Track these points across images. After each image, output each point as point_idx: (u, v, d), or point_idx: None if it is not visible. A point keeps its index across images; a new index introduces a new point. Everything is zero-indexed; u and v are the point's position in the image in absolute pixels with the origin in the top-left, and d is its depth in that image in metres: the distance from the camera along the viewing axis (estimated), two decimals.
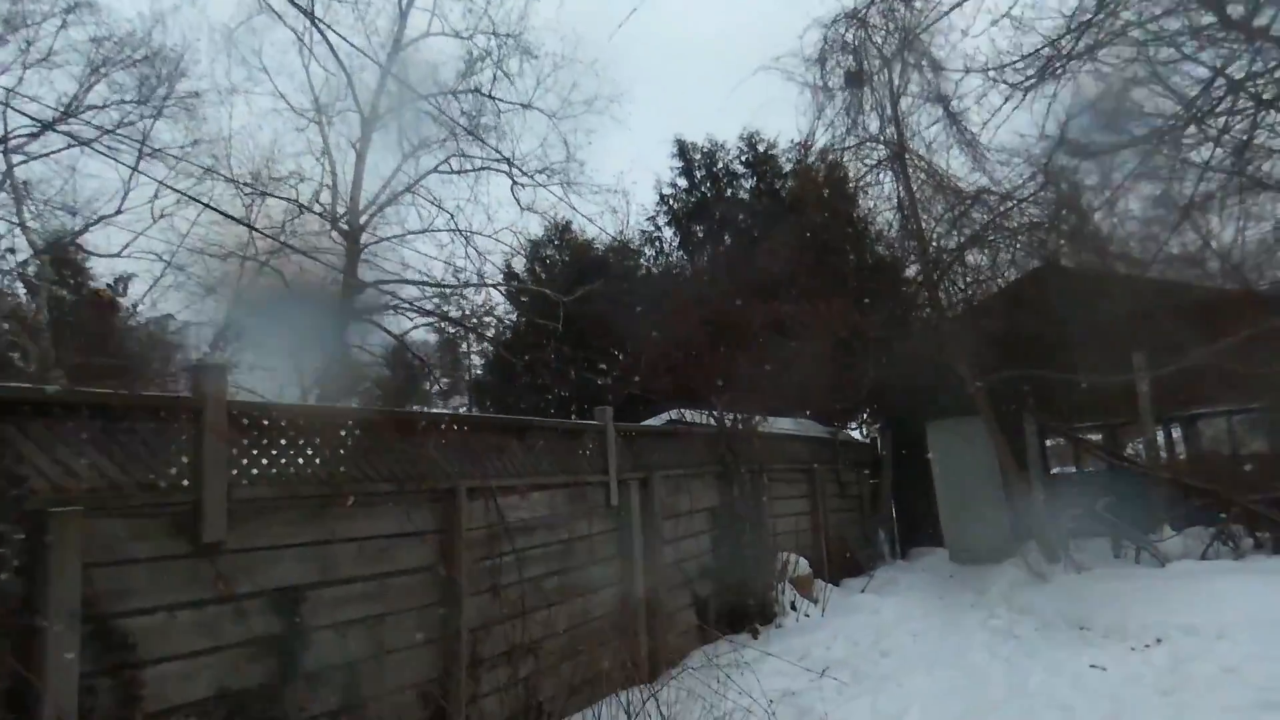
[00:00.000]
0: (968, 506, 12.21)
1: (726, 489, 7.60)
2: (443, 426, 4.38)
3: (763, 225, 14.00)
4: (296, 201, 11.76)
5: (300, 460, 3.68)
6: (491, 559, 4.67)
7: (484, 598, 4.55)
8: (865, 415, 14.99)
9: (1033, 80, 7.20)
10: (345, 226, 11.73)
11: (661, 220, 14.71)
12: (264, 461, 3.53)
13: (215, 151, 11.75)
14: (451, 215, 12.08)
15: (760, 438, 8.59)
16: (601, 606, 5.63)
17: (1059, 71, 7.18)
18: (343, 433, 3.88)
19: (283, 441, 3.62)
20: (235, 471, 3.37)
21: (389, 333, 12.47)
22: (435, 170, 12.31)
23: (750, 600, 7.18)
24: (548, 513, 5.22)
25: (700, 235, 14.40)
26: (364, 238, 12.01)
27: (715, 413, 7.78)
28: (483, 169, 12.16)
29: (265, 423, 3.56)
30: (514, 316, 14.45)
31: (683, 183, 14.85)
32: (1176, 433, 11.45)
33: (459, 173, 12.33)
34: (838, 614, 7.58)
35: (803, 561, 8.17)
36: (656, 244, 14.56)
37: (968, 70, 8.41)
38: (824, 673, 5.55)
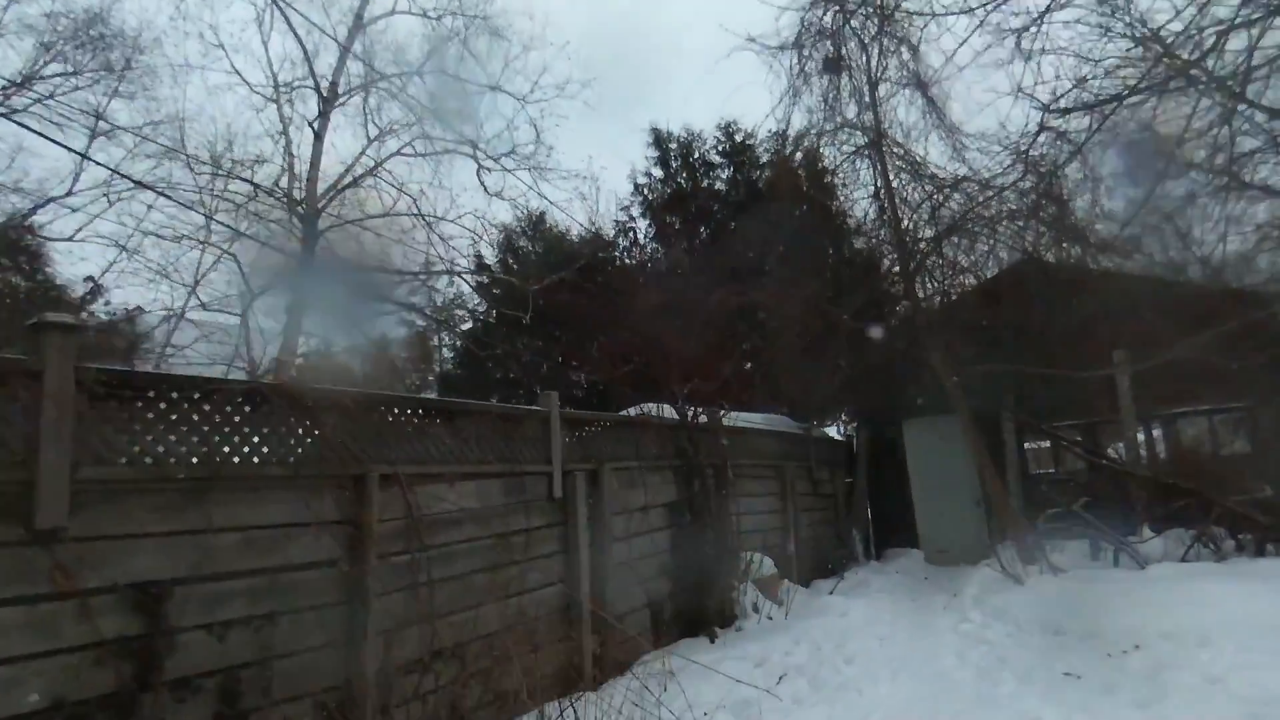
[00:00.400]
0: (943, 506, 11.88)
1: (687, 484, 7.19)
2: (349, 404, 3.93)
3: (739, 217, 13.63)
4: (253, 182, 11.28)
5: (172, 437, 3.23)
6: (410, 554, 4.22)
7: (398, 597, 4.10)
8: (842, 413, 14.64)
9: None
10: (302, 210, 11.23)
11: (635, 210, 14.32)
12: (124, 438, 3.07)
13: (172, 133, 11.21)
14: (414, 199, 11.60)
15: (727, 432, 8.20)
16: (540, 607, 5.20)
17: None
18: (227, 408, 3.43)
19: (150, 415, 3.17)
20: (83, 447, 2.91)
21: (358, 320, 11.98)
22: (399, 153, 11.85)
23: (709, 602, 6.77)
24: (478, 504, 4.78)
25: (676, 226, 14.01)
26: (322, 221, 11.51)
27: (677, 404, 7.36)
28: (447, 152, 11.71)
29: (127, 393, 3.11)
30: (483, 308, 13.99)
31: (658, 173, 14.46)
32: (1157, 432, 11.18)
33: (423, 155, 11.88)
34: (802, 616, 7.19)
35: (768, 561, 7.78)
36: (630, 234, 14.17)
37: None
38: (780, 680, 5.15)
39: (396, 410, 4.33)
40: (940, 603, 8.31)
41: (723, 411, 8.04)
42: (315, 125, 11.31)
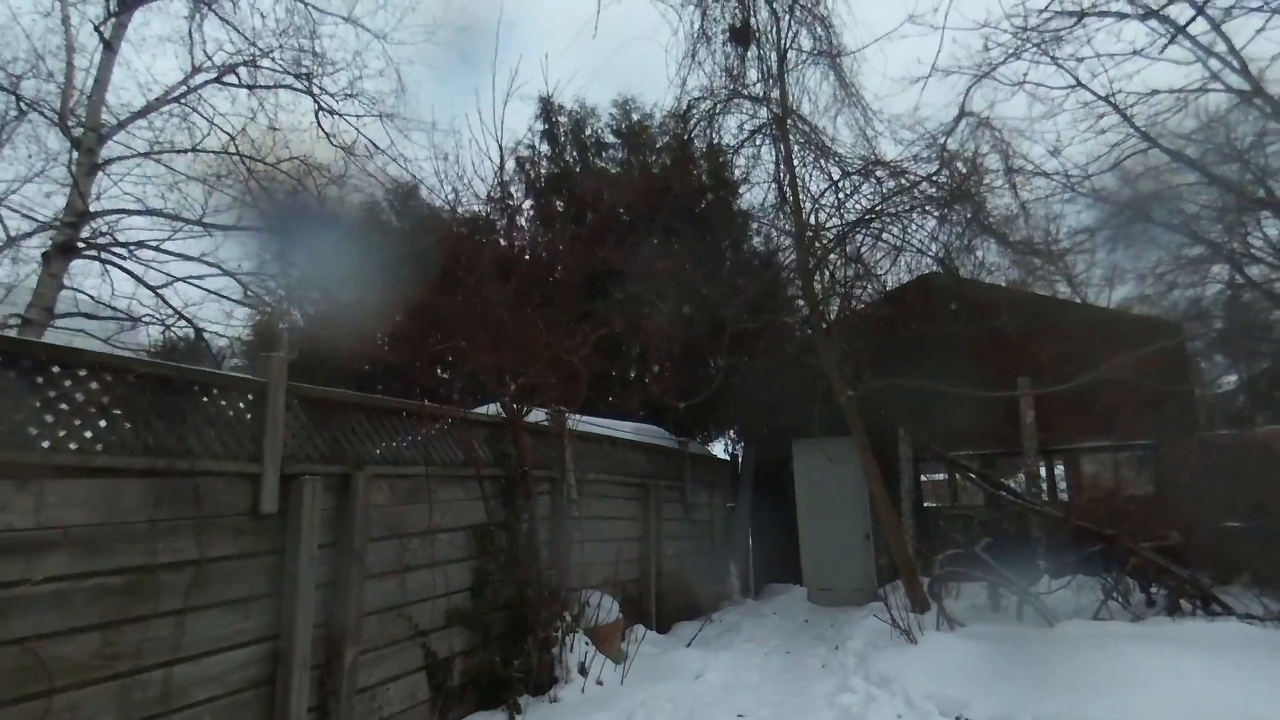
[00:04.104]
0: (831, 539, 10.66)
1: (505, 502, 5.47)
2: None
3: (632, 203, 12.13)
4: (15, 93, 8.92)
5: None
6: None
7: None
8: (732, 429, 13.30)
9: None
10: (79, 131, 8.90)
11: (516, 188, 12.59)
12: None
13: None
14: (232, 137, 9.44)
15: (575, 438, 6.56)
16: (214, 683, 3.34)
17: None
18: None
19: None
20: None
21: (144, 283, 9.62)
22: (218, 80, 9.67)
23: (518, 660, 5.04)
24: (89, 519, 2.92)
25: (561, 209, 12.37)
26: (108, 150, 9.20)
27: (504, 399, 5.66)
28: (277, 86, 9.63)
29: None
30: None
31: (545, 148, 12.78)
32: (1059, 469, 10.35)
33: (249, 88, 9.74)
34: (644, 680, 5.55)
35: (609, 604, 6.12)
36: (507, 212, 12.38)
37: None
38: None
39: None
40: (819, 658, 6.92)
41: (571, 414, 6.40)
42: (104, 30, 9.02)
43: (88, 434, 2.93)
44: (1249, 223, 10.37)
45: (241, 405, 3.57)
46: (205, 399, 3.42)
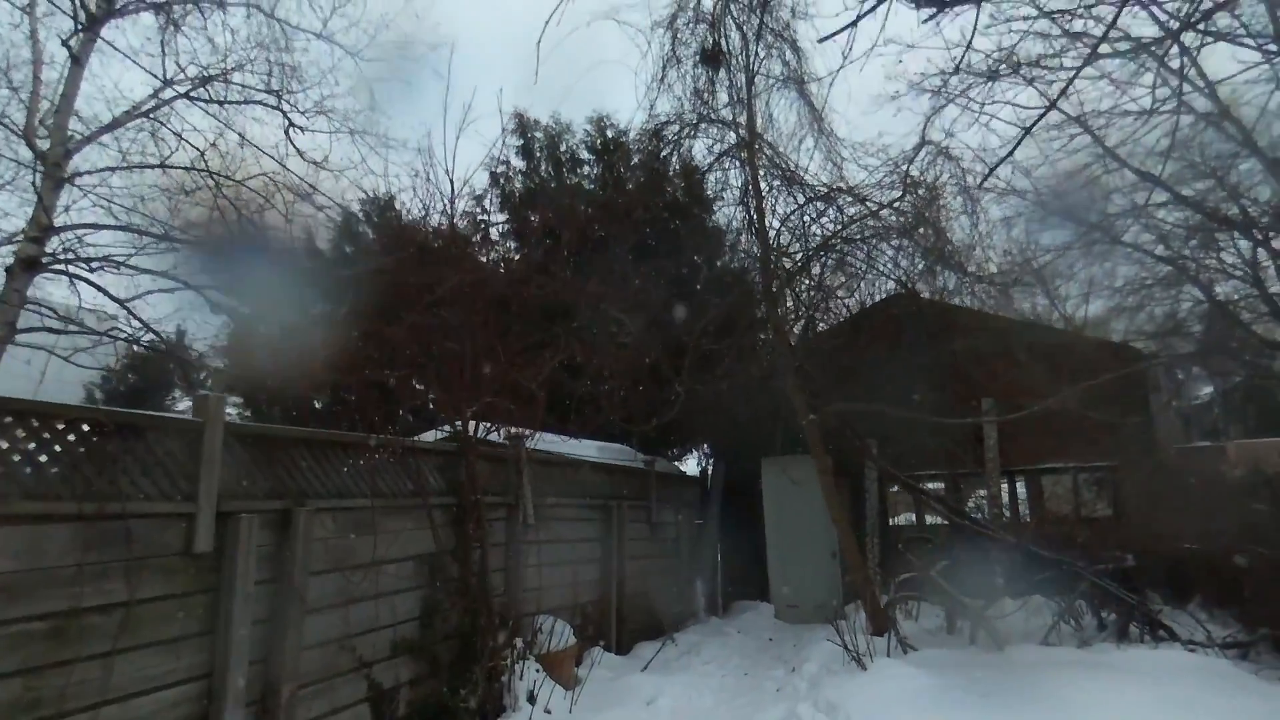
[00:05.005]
0: (797, 556, 10.73)
1: (456, 529, 5.50)
2: None
3: (607, 220, 12.20)
4: None
5: None
6: None
7: None
8: (703, 445, 13.36)
9: None
10: (44, 145, 8.87)
11: (491, 203, 12.62)
12: None
13: None
14: (201, 152, 9.43)
15: (535, 461, 6.60)
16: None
17: None
18: None
19: None
20: None
21: (111, 296, 9.57)
22: (187, 95, 9.67)
23: (466, 689, 5.07)
24: (13, 566, 2.93)
25: (536, 223, 12.41)
26: (76, 163, 9.18)
27: (457, 424, 5.70)
28: (246, 102, 9.62)
29: None
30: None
31: (520, 164, 12.83)
32: (1021, 487, 10.49)
33: (219, 103, 9.74)
34: (594, 707, 5.59)
35: (564, 629, 6.16)
36: (483, 228, 12.43)
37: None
38: None
39: None
40: (775, 682, 6.99)
41: (528, 434, 6.43)
42: (72, 45, 9.00)
43: (12, 484, 2.95)
44: (1221, 241, 10.49)
45: (177, 446, 3.59)
46: (139, 442, 3.44)
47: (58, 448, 3.12)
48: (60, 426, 3.15)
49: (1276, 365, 11.77)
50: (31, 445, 3.05)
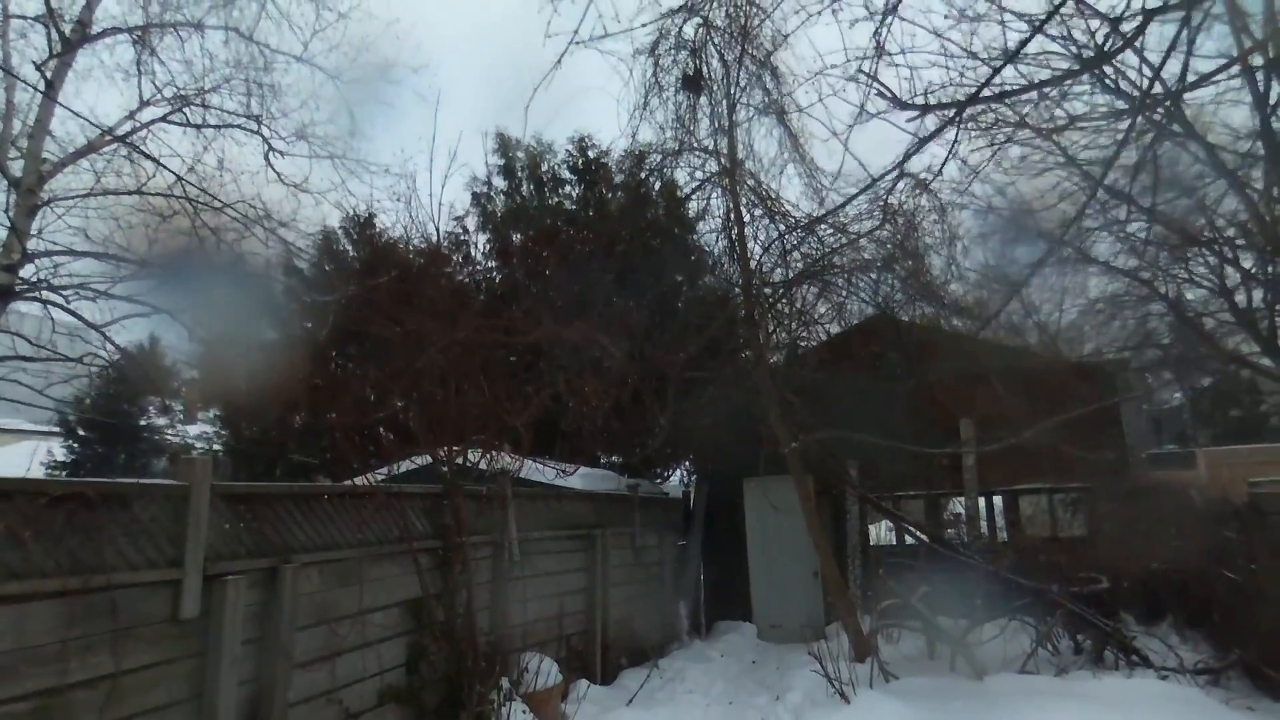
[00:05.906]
0: (780, 577, 10.83)
1: (443, 572, 5.50)
2: None
3: (589, 241, 12.24)
4: None
5: None
6: None
7: None
8: (686, 465, 13.43)
9: None
10: (16, 173, 8.74)
11: (472, 223, 12.59)
12: None
13: None
14: (179, 176, 9.33)
15: (520, 497, 6.61)
16: None
17: None
18: None
19: None
20: None
21: (88, 323, 9.42)
22: (164, 119, 9.57)
23: None
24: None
25: (518, 243, 12.41)
26: (52, 187, 9.06)
27: (441, 467, 5.70)
28: (226, 126, 9.54)
29: None
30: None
31: (501, 183, 12.81)
32: (999, 502, 10.67)
33: (197, 127, 9.65)
34: None
35: (549, 667, 6.18)
36: (464, 248, 12.40)
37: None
38: None
39: None
40: (759, 710, 7.07)
41: (513, 465, 6.44)
42: (46, 70, 8.87)
43: None
44: (1192, 256, 10.72)
45: (162, 512, 3.57)
46: (125, 511, 3.42)
47: (42, 524, 3.10)
48: (43, 503, 3.13)
49: (1243, 374, 12.06)
50: (15, 522, 3.03)
